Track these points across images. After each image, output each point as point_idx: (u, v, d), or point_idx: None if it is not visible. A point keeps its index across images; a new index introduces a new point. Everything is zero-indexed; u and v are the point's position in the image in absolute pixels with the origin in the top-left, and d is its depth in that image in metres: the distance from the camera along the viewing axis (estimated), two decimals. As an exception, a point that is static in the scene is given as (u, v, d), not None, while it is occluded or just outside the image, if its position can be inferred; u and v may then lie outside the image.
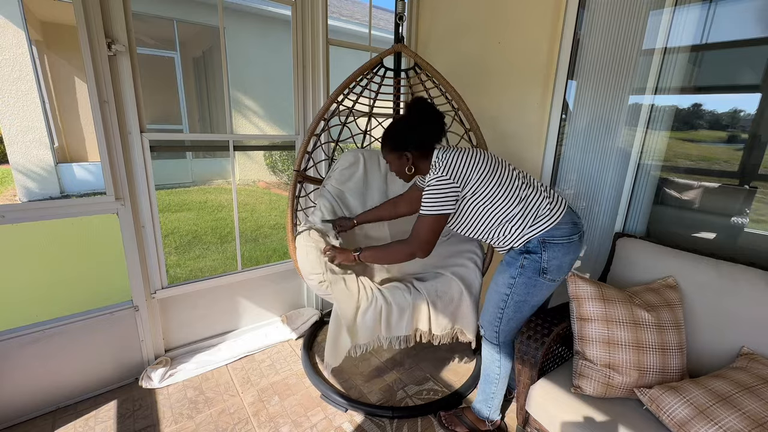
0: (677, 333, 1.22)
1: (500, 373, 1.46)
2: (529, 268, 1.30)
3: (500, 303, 1.38)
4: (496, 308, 1.39)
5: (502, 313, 1.38)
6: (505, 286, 1.35)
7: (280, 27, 6.18)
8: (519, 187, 1.31)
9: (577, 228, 1.31)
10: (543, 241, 1.27)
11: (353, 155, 1.96)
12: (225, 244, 4.05)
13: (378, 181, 2.00)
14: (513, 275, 1.33)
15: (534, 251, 1.29)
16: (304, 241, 1.59)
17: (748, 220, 1.47)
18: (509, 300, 1.35)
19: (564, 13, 1.72)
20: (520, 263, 1.31)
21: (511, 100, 1.97)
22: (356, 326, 1.48)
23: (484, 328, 1.46)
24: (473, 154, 1.33)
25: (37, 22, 5.49)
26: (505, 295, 1.36)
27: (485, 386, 1.51)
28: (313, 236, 1.61)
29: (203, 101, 7.02)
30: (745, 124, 1.48)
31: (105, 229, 3.20)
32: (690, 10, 1.47)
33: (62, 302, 2.49)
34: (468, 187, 1.29)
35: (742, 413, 0.94)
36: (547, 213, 1.28)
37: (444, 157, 1.31)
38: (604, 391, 1.18)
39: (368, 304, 1.50)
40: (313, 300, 2.44)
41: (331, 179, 1.91)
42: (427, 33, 2.43)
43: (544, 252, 1.27)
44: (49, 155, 5.14)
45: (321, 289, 1.52)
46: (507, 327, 1.40)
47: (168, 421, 1.59)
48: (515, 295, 1.34)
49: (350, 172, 1.94)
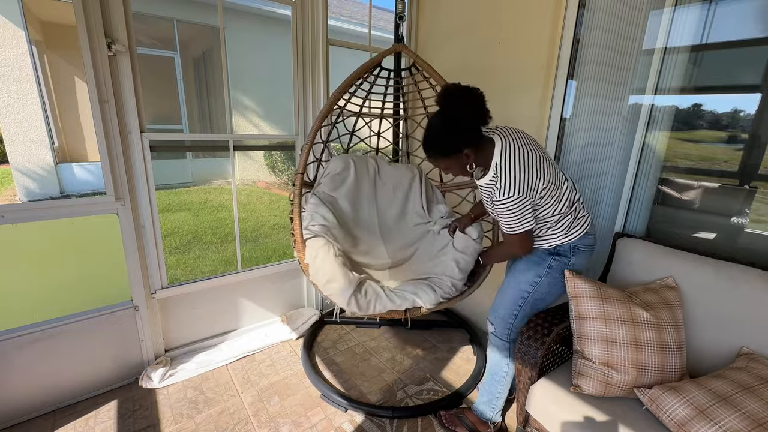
0: (676, 332, 1.22)
1: (508, 371, 1.46)
2: (557, 269, 1.35)
3: (519, 300, 1.40)
4: (514, 305, 1.41)
5: (518, 311, 1.40)
6: (528, 284, 1.38)
7: (280, 27, 6.18)
8: (566, 191, 1.31)
9: (595, 239, 1.39)
10: (574, 247, 1.34)
11: (343, 160, 1.94)
12: (225, 244, 4.04)
13: (367, 185, 1.99)
14: (539, 274, 1.36)
15: (563, 254, 1.34)
16: (321, 249, 1.55)
17: (748, 221, 1.47)
18: (529, 297, 1.38)
19: (564, 13, 1.72)
20: (548, 264, 1.35)
21: (511, 101, 1.97)
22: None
23: (496, 324, 1.46)
24: (536, 159, 1.21)
25: (37, 22, 5.48)
26: (526, 293, 1.38)
27: (491, 386, 1.50)
28: (326, 243, 1.59)
29: (203, 101, 7.01)
30: (745, 125, 1.48)
31: (105, 229, 3.20)
32: (690, 10, 1.46)
33: (62, 302, 2.48)
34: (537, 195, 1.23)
35: (742, 413, 0.94)
36: (582, 222, 1.34)
37: (508, 167, 1.17)
38: (603, 390, 1.18)
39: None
40: (313, 300, 2.44)
41: (322, 185, 1.88)
42: (427, 33, 2.43)
43: (573, 256, 1.34)
44: (49, 155, 5.14)
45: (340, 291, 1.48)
46: (519, 324, 1.41)
47: (168, 421, 1.59)
48: (536, 293, 1.37)
49: (342, 178, 1.92)
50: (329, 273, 1.49)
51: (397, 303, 1.54)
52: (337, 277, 1.48)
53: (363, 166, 1.99)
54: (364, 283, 1.54)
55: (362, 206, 1.97)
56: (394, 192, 2.03)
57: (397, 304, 1.54)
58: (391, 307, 1.53)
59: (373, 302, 1.51)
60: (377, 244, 1.93)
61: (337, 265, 1.51)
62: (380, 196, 2.02)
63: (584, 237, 1.34)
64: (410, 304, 1.56)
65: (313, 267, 1.54)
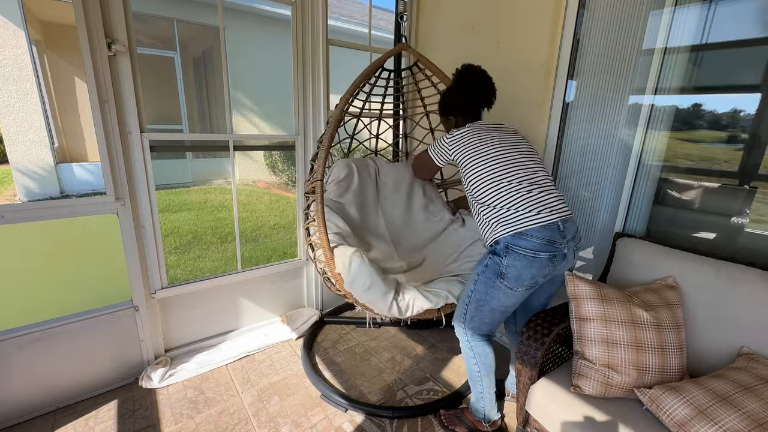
0: (676, 333, 1.22)
1: (480, 370, 1.45)
2: (491, 269, 1.31)
3: (465, 298, 1.40)
4: (463, 303, 1.42)
5: (467, 309, 1.40)
6: (472, 282, 1.38)
7: (280, 27, 6.18)
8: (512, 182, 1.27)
9: (550, 247, 1.23)
10: (507, 247, 1.25)
11: (346, 165, 1.93)
12: (225, 244, 4.04)
13: (371, 188, 1.98)
14: (478, 272, 1.35)
15: (498, 254, 1.29)
16: (354, 257, 1.45)
17: (748, 220, 1.47)
18: (472, 296, 1.37)
19: (564, 13, 1.72)
20: (485, 262, 1.33)
21: (511, 100, 1.97)
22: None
23: (455, 322, 1.48)
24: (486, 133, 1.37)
25: (37, 22, 5.48)
26: (470, 291, 1.38)
27: (472, 386, 1.52)
28: (356, 250, 1.50)
29: (203, 101, 7.01)
30: (745, 124, 1.48)
31: (105, 230, 3.20)
32: (690, 10, 1.46)
33: (62, 302, 2.48)
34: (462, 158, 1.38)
35: (742, 413, 0.94)
36: (521, 222, 1.23)
37: (464, 128, 1.40)
38: (604, 391, 1.18)
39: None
40: (313, 300, 2.44)
41: (328, 192, 1.87)
42: (427, 33, 2.43)
43: (505, 257, 1.26)
44: (49, 155, 5.14)
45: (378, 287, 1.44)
46: (472, 324, 1.41)
47: (168, 421, 1.59)
48: (477, 292, 1.35)
49: (346, 184, 1.91)
50: (368, 280, 1.42)
51: (433, 301, 1.52)
52: (376, 283, 1.42)
53: (364, 169, 1.99)
54: (401, 286, 1.52)
55: (369, 211, 1.96)
56: (396, 190, 2.03)
57: (434, 303, 1.52)
58: (428, 306, 1.51)
59: (412, 303, 1.48)
60: (389, 248, 1.92)
61: (374, 271, 1.43)
62: (383, 197, 2.02)
63: (517, 237, 1.23)
64: (444, 301, 1.55)
65: (348, 276, 1.44)
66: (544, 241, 1.22)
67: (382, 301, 1.43)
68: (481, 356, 1.44)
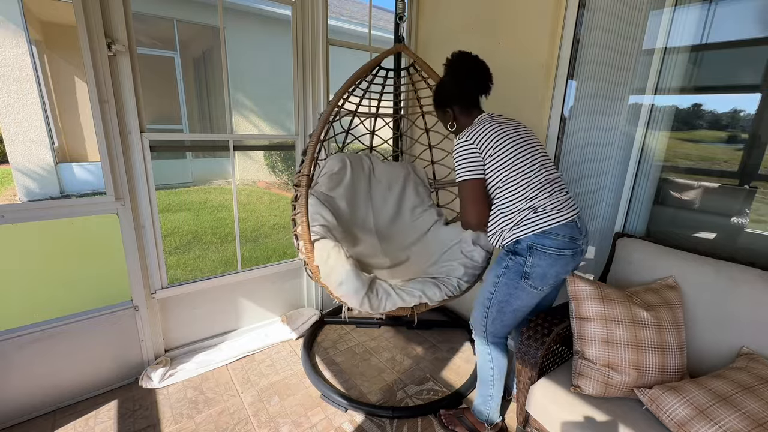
0: (676, 332, 1.22)
1: (494, 374, 1.44)
2: (513, 269, 1.28)
3: (485, 301, 1.38)
4: (482, 306, 1.39)
5: (487, 312, 1.38)
6: (491, 285, 1.35)
7: (280, 27, 6.18)
8: (530, 187, 1.24)
9: (573, 244, 1.24)
10: (531, 246, 1.23)
11: (340, 159, 1.94)
12: (225, 244, 4.04)
13: (363, 184, 1.99)
14: (498, 274, 1.32)
15: (520, 254, 1.26)
16: (333, 251, 1.54)
17: (748, 220, 1.47)
18: (493, 299, 1.35)
19: (564, 13, 1.72)
20: (505, 264, 1.30)
21: (511, 101, 1.97)
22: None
23: (474, 326, 1.46)
24: (505, 127, 1.29)
25: (37, 22, 5.48)
26: (489, 293, 1.36)
27: (481, 389, 1.50)
28: (336, 244, 1.58)
29: (203, 101, 7.01)
30: (745, 124, 1.48)
31: (105, 230, 3.20)
32: (690, 10, 1.46)
33: (62, 302, 2.48)
34: (488, 157, 1.26)
35: (742, 413, 0.94)
36: (542, 220, 1.22)
37: (477, 123, 1.31)
38: (604, 391, 1.18)
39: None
40: (313, 300, 2.44)
41: (319, 185, 1.88)
42: (427, 33, 2.43)
43: (529, 257, 1.24)
44: (49, 155, 5.14)
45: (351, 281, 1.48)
46: (493, 327, 1.39)
47: (168, 421, 1.59)
48: (498, 294, 1.33)
49: (339, 178, 1.92)
50: (342, 274, 1.48)
51: (406, 300, 1.54)
52: (350, 278, 1.47)
53: (359, 165, 2.00)
54: (375, 283, 1.54)
55: (359, 206, 1.97)
56: (389, 189, 2.04)
57: (407, 302, 1.54)
58: (400, 304, 1.53)
59: (384, 301, 1.51)
60: (374, 243, 1.93)
61: (350, 266, 1.50)
62: (375, 195, 2.03)
63: (541, 236, 1.22)
64: (417, 300, 1.56)
65: (324, 269, 1.52)
66: (567, 238, 1.23)
67: (354, 297, 1.47)
68: (497, 360, 1.43)
